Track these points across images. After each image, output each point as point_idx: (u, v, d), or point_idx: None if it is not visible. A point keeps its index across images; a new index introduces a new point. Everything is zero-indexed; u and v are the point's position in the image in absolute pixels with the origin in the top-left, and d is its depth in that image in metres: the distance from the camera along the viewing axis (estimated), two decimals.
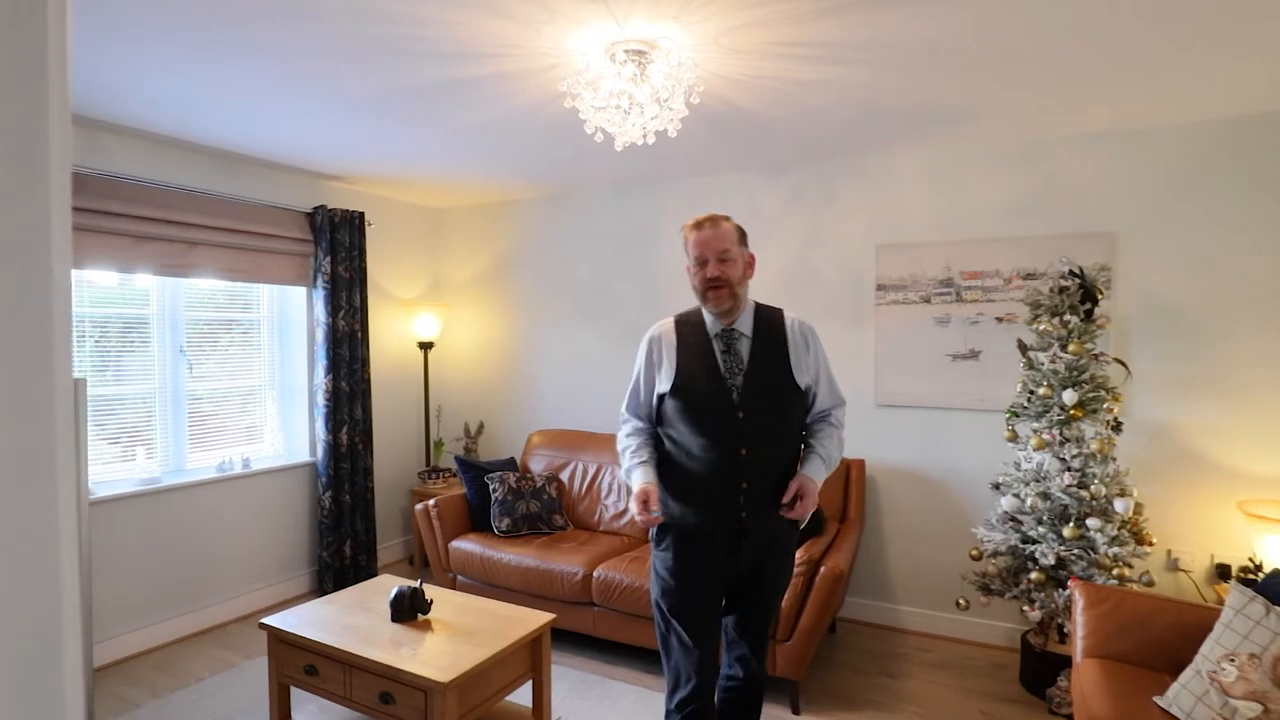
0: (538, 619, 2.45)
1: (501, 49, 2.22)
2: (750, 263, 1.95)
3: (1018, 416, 2.92)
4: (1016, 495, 2.84)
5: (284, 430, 4.13)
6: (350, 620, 2.46)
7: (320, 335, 4.00)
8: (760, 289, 3.82)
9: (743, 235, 1.93)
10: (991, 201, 3.31)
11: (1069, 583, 2.60)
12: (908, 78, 2.48)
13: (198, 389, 3.70)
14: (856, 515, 3.35)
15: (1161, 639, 2.13)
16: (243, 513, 3.73)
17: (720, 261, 1.86)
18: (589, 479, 3.89)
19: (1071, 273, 2.83)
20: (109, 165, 3.14)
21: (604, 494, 3.81)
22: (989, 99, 2.70)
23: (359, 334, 4.18)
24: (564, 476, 3.95)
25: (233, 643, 3.40)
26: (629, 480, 1.93)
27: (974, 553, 2.97)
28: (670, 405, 1.91)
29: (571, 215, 4.44)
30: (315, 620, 2.47)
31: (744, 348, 1.90)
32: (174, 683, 3.01)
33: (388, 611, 2.46)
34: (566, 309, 4.48)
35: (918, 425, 3.47)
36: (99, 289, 3.30)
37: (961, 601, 2.98)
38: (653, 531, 1.98)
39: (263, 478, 3.84)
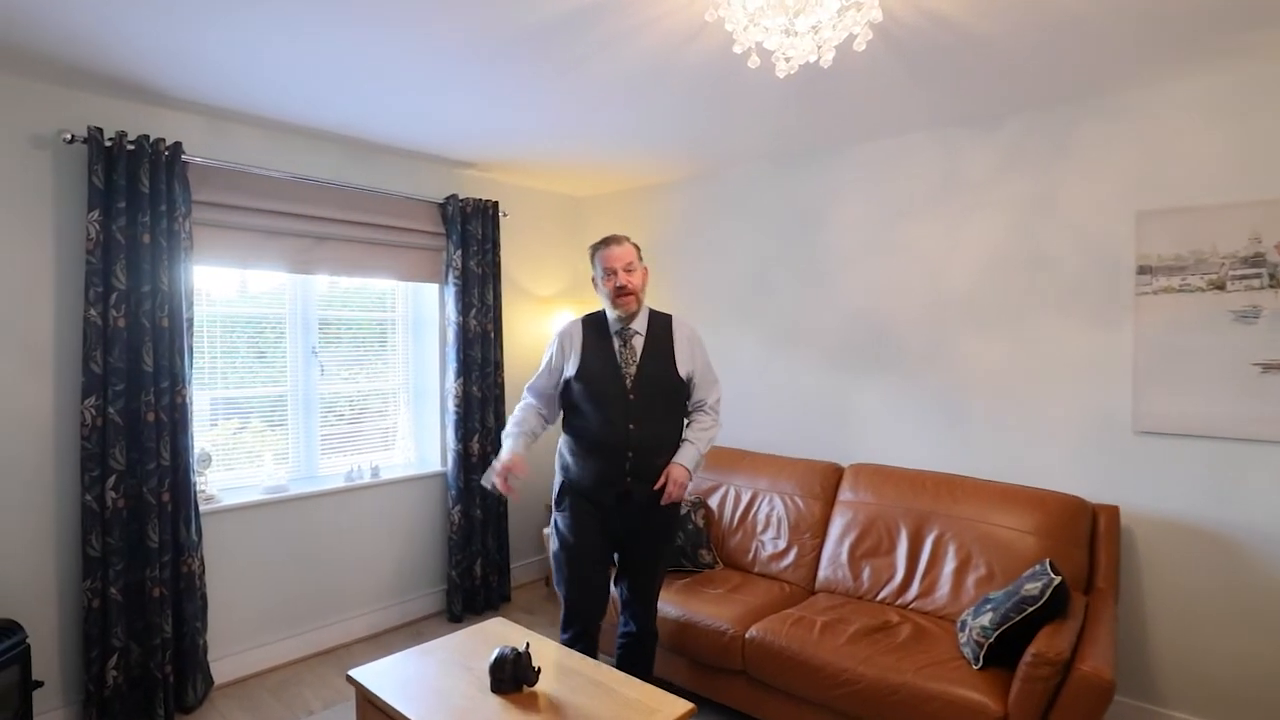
0: (671, 708, 1.87)
1: None
2: (646, 274, 2.36)
3: None
4: None
5: (415, 437, 3.88)
6: (446, 683, 2.03)
7: (451, 336, 3.70)
8: (964, 275, 2.98)
9: (639, 251, 2.35)
10: None
11: None
12: None
13: (329, 392, 3.52)
14: (1108, 584, 2.44)
15: None
16: (370, 525, 3.50)
17: (626, 272, 2.27)
18: (742, 507, 3.25)
19: None
20: (233, 155, 2.97)
21: (760, 527, 3.15)
22: None
23: (492, 334, 3.84)
24: (712, 502, 3.34)
25: (356, 666, 3.14)
26: (503, 445, 2.35)
27: None
28: (576, 388, 2.33)
29: (722, 197, 3.82)
30: (407, 678, 2.06)
31: (638, 343, 2.33)
32: (284, 713, 2.77)
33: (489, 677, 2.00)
34: (716, 305, 3.87)
35: (1202, 462, 2.49)
36: (242, 291, 3.18)
37: None
38: (554, 495, 2.42)
39: (391, 488, 3.60)
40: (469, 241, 3.73)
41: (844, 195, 3.36)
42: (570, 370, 2.32)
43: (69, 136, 2.51)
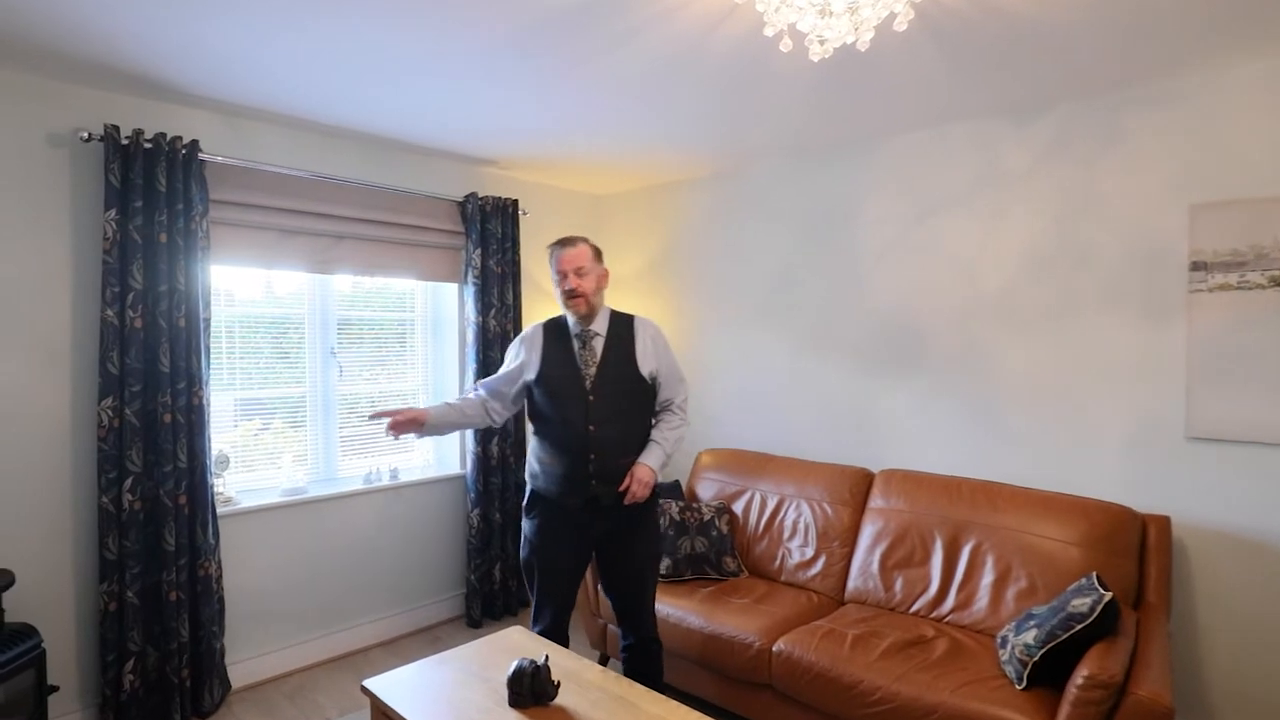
0: None
1: None
2: (604, 276, 2.35)
3: None
4: None
5: (434, 440, 3.82)
6: (463, 694, 1.95)
7: (470, 336, 3.65)
8: (1001, 273, 2.85)
9: (598, 253, 2.34)
10: None
11: None
12: None
13: (349, 393, 3.48)
14: (1160, 599, 2.31)
15: None
16: (388, 529, 3.45)
17: (577, 275, 2.25)
18: (768, 513, 3.15)
19: None
20: (251, 154, 2.94)
21: (786, 534, 3.05)
22: None
23: (511, 334, 3.77)
24: (737, 508, 3.24)
25: (372, 672, 3.10)
26: None
27: None
28: (537, 392, 2.32)
29: (746, 194, 3.72)
30: (423, 686, 1.99)
31: (598, 344, 2.31)
32: (300, 719, 2.72)
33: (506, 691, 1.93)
34: (741, 306, 3.77)
35: (1261, 471, 2.34)
36: (263, 292, 3.14)
37: None
38: (525, 503, 2.40)
39: (410, 491, 3.55)
40: (489, 240, 3.67)
41: (874, 190, 3.25)
42: (530, 374, 2.32)
43: (86, 135, 2.48)
